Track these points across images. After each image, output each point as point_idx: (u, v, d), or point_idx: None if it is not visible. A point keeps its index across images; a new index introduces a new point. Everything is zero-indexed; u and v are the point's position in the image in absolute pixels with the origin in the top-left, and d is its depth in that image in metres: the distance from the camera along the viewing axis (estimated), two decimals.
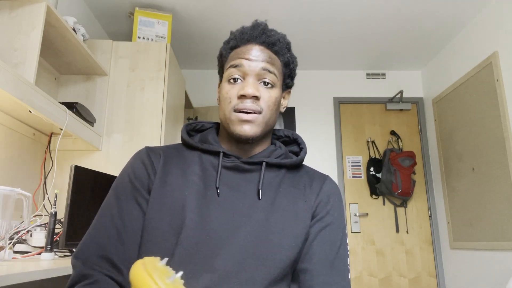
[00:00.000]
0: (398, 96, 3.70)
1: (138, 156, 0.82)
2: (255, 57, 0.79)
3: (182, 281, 0.48)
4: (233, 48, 0.83)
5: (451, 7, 2.80)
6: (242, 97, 0.77)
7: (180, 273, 0.49)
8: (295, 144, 0.92)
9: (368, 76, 3.85)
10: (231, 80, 0.79)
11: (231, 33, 0.87)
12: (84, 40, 2.22)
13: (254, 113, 0.77)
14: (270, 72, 0.79)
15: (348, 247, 0.82)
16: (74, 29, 2.05)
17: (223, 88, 0.81)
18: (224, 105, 0.80)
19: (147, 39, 2.60)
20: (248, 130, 0.77)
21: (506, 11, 2.60)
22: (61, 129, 1.88)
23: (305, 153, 0.88)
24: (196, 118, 3.53)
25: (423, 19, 2.96)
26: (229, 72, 0.80)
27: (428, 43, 3.31)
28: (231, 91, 0.79)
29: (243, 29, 0.83)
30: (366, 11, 2.86)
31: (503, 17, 2.62)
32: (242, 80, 0.79)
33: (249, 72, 0.78)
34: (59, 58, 2.15)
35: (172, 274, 0.47)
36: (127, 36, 3.11)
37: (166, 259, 0.51)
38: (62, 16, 1.86)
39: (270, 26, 0.87)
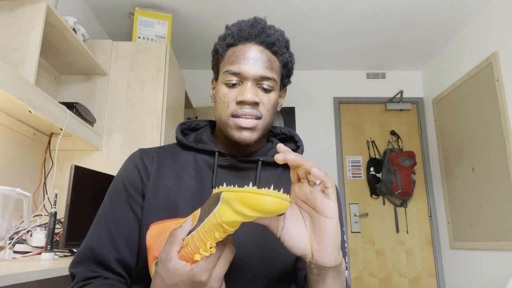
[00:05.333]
0: (398, 96, 3.70)
1: (131, 160, 0.80)
2: (254, 60, 0.75)
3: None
4: (230, 45, 0.79)
5: (451, 7, 2.80)
6: (241, 103, 0.74)
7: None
8: (292, 142, 0.90)
9: (368, 76, 3.85)
10: (229, 83, 0.76)
11: (227, 27, 0.82)
12: (84, 40, 2.22)
13: (254, 118, 0.75)
14: (269, 78, 0.76)
15: (346, 244, 0.82)
16: (74, 29, 2.05)
17: (220, 90, 0.77)
18: (221, 108, 0.77)
19: (147, 39, 2.60)
20: (247, 137, 0.75)
21: (506, 11, 2.60)
22: (61, 129, 1.88)
23: (302, 151, 0.86)
24: (196, 118, 3.53)
25: (423, 20, 2.96)
26: (227, 77, 0.76)
27: (428, 43, 3.31)
28: (229, 95, 0.76)
29: (241, 26, 0.78)
30: (366, 11, 2.86)
31: (503, 17, 2.63)
32: (240, 84, 0.76)
33: (247, 78, 0.75)
34: (59, 58, 2.15)
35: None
36: (127, 36, 3.11)
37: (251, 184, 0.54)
38: (62, 16, 1.86)
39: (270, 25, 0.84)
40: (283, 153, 0.55)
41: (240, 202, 0.50)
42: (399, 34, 3.17)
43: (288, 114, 3.73)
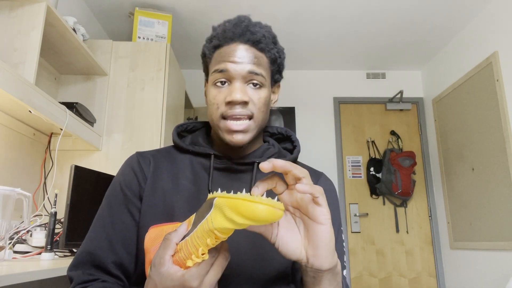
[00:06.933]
0: (398, 96, 3.70)
1: (128, 163, 0.81)
2: (240, 58, 0.74)
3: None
4: (216, 47, 0.79)
5: (451, 7, 2.80)
6: (230, 103, 0.73)
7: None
8: (289, 141, 0.90)
9: (368, 76, 3.85)
10: (218, 84, 0.76)
11: (213, 29, 0.82)
12: (84, 40, 2.22)
13: (245, 119, 0.74)
14: (257, 74, 0.75)
15: (344, 243, 0.82)
16: (74, 29, 2.05)
17: (210, 93, 0.77)
18: (211, 110, 0.77)
19: (147, 39, 2.60)
20: (240, 139, 0.74)
21: (506, 11, 2.60)
22: (61, 129, 1.88)
23: (299, 151, 0.86)
24: (196, 118, 3.53)
25: (423, 19, 2.96)
26: (215, 77, 0.76)
27: (428, 43, 3.31)
28: (218, 96, 0.75)
29: (225, 27, 0.78)
30: (366, 11, 2.86)
31: (503, 17, 2.63)
32: (228, 83, 0.75)
33: (235, 76, 0.74)
34: (59, 58, 2.16)
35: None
36: (127, 36, 3.11)
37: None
38: (62, 16, 1.86)
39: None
40: (269, 161, 0.54)
41: (232, 209, 0.49)
42: (399, 34, 3.17)
43: (288, 114, 3.73)
